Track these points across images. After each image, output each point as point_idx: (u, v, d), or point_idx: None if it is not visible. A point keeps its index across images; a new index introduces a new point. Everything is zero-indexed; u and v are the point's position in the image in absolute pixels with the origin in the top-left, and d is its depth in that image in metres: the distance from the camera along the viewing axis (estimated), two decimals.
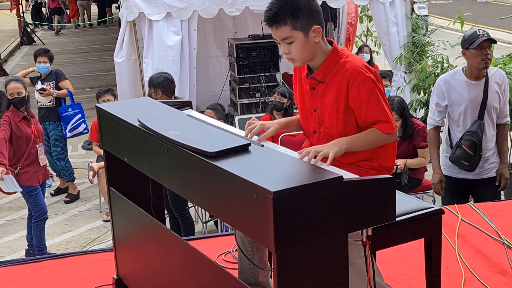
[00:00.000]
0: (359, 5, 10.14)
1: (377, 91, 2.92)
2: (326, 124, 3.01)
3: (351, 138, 2.92)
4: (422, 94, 8.06)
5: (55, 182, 7.82)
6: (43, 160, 6.19)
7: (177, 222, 6.20)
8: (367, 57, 9.12)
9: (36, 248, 6.13)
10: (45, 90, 7.54)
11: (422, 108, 7.94)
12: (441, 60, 7.66)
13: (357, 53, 9.24)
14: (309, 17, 2.87)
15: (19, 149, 6.03)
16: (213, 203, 2.61)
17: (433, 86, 7.75)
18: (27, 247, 6.31)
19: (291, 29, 2.86)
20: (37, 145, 6.11)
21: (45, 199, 6.33)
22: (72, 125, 7.86)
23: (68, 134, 7.87)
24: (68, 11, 23.09)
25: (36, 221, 6.11)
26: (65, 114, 7.82)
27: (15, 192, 6.13)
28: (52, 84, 7.72)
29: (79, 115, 7.91)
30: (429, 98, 7.77)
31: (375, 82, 2.92)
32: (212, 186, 2.55)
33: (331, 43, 3.03)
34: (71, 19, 23.12)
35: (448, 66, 7.66)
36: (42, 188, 6.24)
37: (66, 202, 7.77)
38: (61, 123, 7.81)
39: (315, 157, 2.65)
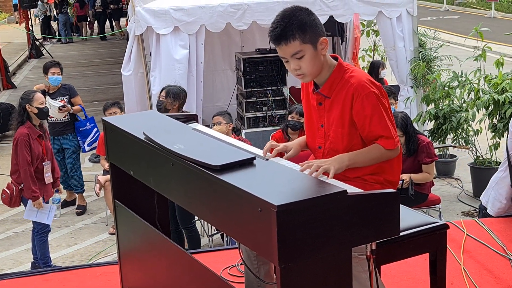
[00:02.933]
0: (365, 20, 10.15)
1: (380, 106, 2.93)
2: (331, 139, 3.02)
3: (353, 154, 2.92)
4: (432, 105, 8.05)
5: (61, 195, 7.83)
6: (49, 178, 6.15)
7: (180, 236, 6.19)
8: (384, 73, 9.07)
9: (41, 261, 6.13)
10: (65, 107, 7.57)
11: (432, 121, 7.93)
12: (459, 74, 7.70)
13: (369, 71, 9.18)
14: (314, 29, 2.90)
15: None
16: (218, 217, 2.61)
17: (444, 98, 7.78)
18: (32, 260, 6.32)
19: (301, 43, 2.88)
20: (43, 163, 6.10)
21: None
22: (91, 139, 7.91)
23: (87, 148, 7.94)
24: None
25: (39, 234, 6.12)
26: (83, 128, 7.87)
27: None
28: (66, 100, 7.73)
29: (95, 129, 7.97)
30: (438, 110, 7.77)
31: (379, 97, 2.93)
32: (217, 199, 2.56)
33: (336, 58, 3.05)
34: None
35: (465, 80, 7.68)
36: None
37: (78, 214, 7.78)
38: (77, 136, 7.86)
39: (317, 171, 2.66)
